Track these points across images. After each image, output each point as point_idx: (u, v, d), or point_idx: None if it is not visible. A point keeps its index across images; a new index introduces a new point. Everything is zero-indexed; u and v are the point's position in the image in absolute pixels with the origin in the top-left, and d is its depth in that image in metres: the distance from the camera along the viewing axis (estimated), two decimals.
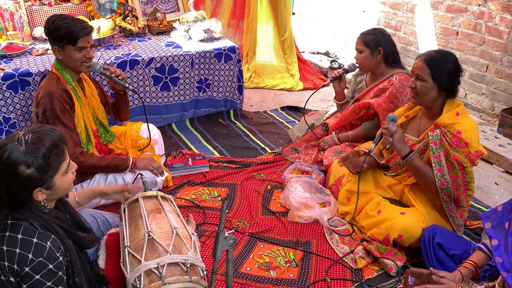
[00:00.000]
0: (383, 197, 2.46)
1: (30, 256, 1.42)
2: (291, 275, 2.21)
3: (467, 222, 2.63)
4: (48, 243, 1.45)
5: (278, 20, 4.72)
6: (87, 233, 1.75)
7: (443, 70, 2.17)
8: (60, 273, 1.47)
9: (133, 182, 2.50)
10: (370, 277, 2.22)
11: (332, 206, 2.58)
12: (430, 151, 2.18)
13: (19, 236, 1.44)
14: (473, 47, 4.14)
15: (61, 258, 1.47)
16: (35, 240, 1.44)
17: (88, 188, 2.29)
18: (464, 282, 1.92)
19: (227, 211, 2.63)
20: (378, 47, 2.85)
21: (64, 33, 2.28)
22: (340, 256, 2.33)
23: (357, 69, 3.11)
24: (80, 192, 2.16)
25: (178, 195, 2.76)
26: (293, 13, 6.47)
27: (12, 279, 1.43)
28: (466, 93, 4.31)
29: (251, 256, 2.31)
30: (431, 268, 1.92)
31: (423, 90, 2.21)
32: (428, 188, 2.26)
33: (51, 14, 3.38)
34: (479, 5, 3.98)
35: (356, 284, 2.17)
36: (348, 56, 5.39)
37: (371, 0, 5.27)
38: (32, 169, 1.44)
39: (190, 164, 3.01)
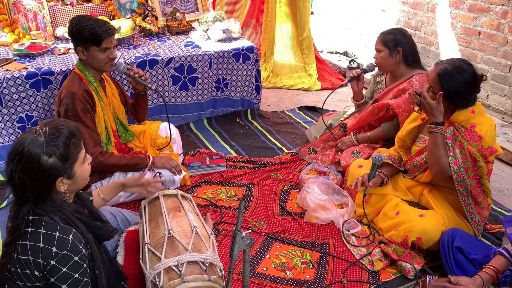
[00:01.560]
0: (402, 199, 2.44)
1: (54, 249, 1.45)
2: (308, 276, 2.20)
3: (488, 225, 2.59)
4: (70, 236, 1.48)
5: (297, 19, 4.71)
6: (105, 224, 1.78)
7: (452, 87, 2.14)
8: (85, 265, 1.51)
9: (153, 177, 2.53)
10: (387, 279, 2.20)
11: (349, 208, 2.57)
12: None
13: (42, 230, 1.47)
14: (495, 47, 4.06)
15: (84, 250, 1.51)
16: (57, 234, 1.47)
17: (111, 183, 2.32)
18: (485, 287, 1.90)
19: (243, 210, 2.64)
20: (397, 47, 2.82)
21: (89, 34, 2.32)
22: (357, 258, 2.32)
23: (376, 69, 3.08)
24: (103, 189, 2.20)
25: (195, 194, 2.78)
26: (312, 13, 6.45)
27: (36, 273, 1.46)
28: (488, 94, 4.23)
29: (267, 256, 2.32)
30: (449, 276, 1.91)
31: (435, 104, 2.20)
32: (440, 175, 2.20)
33: (73, 14, 3.46)
34: (503, 5, 3.90)
35: (373, 286, 2.16)
36: (367, 56, 5.35)
37: None
38: (54, 158, 1.48)
39: (208, 163, 3.03)
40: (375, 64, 2.98)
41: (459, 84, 2.14)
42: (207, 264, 1.75)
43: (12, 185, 1.48)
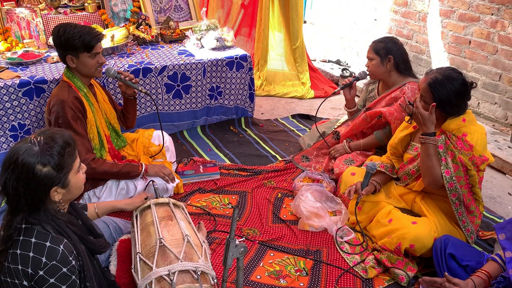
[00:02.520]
0: (395, 207, 2.44)
1: (44, 259, 1.44)
2: (301, 284, 2.20)
3: (480, 232, 2.60)
4: (61, 246, 1.47)
5: (290, 28, 4.74)
6: (98, 238, 1.77)
7: (443, 95, 2.16)
8: (73, 276, 1.49)
9: (145, 189, 2.53)
10: (381, 287, 2.20)
11: (343, 215, 2.57)
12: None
13: (33, 240, 1.46)
14: (485, 56, 4.11)
15: (73, 262, 1.49)
16: (48, 243, 1.46)
17: (109, 203, 2.33)
18: None
19: (237, 218, 2.63)
20: (388, 55, 2.85)
21: (79, 41, 2.33)
22: (351, 265, 2.32)
23: (368, 77, 3.11)
24: (100, 206, 2.19)
25: (189, 202, 2.77)
26: (305, 22, 6.50)
27: (25, 282, 1.45)
28: (478, 102, 4.27)
29: (261, 264, 2.31)
30: (446, 273, 1.91)
31: (427, 114, 2.22)
32: (433, 185, 2.22)
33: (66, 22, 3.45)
34: (492, 14, 3.96)
35: None
36: (359, 64, 5.39)
37: (383, 8, 5.28)
38: (49, 168, 1.47)
39: (201, 171, 3.03)
40: (367, 72, 3.01)
41: (450, 93, 2.16)
42: (198, 273, 1.74)
43: (6, 194, 1.47)
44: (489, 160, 2.17)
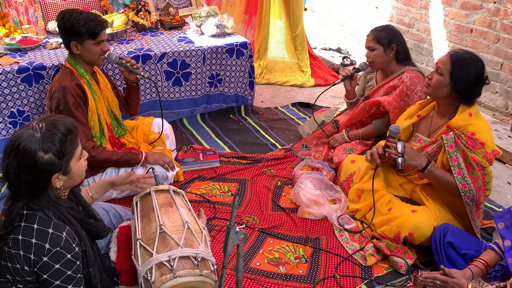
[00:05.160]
0: (394, 195, 2.45)
1: (47, 246, 1.44)
2: (301, 271, 2.21)
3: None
4: (64, 233, 1.48)
5: (290, 16, 4.70)
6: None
7: (463, 72, 2.13)
8: (78, 262, 1.50)
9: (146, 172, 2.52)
10: (379, 274, 2.22)
11: (342, 204, 2.58)
12: (446, 155, 2.16)
13: (35, 226, 1.46)
14: (487, 45, 4.08)
15: (77, 248, 1.50)
16: (50, 230, 1.46)
17: (98, 182, 2.32)
18: (475, 281, 1.92)
19: (237, 206, 2.64)
20: (391, 43, 2.83)
21: (85, 28, 2.30)
22: (350, 253, 2.33)
23: (369, 68, 3.09)
24: (91, 187, 2.18)
25: (188, 189, 2.77)
26: (305, 9, 6.45)
27: (26, 267, 1.46)
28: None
29: (260, 252, 2.32)
30: (442, 266, 1.92)
31: (437, 84, 2.19)
32: (451, 193, 2.21)
33: (65, 9, 3.42)
34: (495, 2, 3.93)
35: (366, 281, 2.17)
36: (360, 52, 5.36)
37: None
38: (50, 154, 1.47)
39: (201, 159, 3.03)
40: (367, 63, 2.98)
41: (472, 69, 2.12)
42: (199, 259, 1.75)
43: (8, 180, 1.48)
44: (499, 153, 2.17)
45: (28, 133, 1.46)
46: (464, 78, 2.13)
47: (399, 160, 2.19)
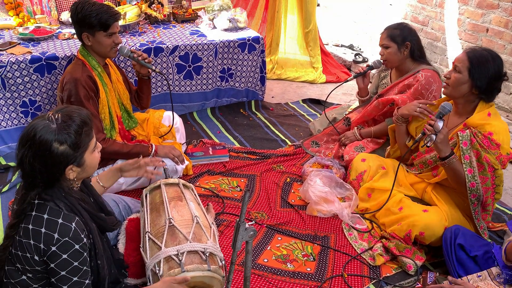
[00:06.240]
0: (405, 195, 2.42)
1: (56, 235, 1.45)
2: (308, 269, 2.20)
3: (490, 224, 2.57)
4: (73, 224, 1.48)
5: (303, 11, 4.66)
6: (109, 216, 1.78)
7: (482, 69, 2.10)
8: (85, 253, 1.51)
9: (154, 169, 2.52)
10: (388, 275, 2.20)
11: (353, 201, 2.55)
12: (460, 152, 2.13)
13: (45, 216, 1.47)
14: (503, 45, 4.02)
15: (85, 240, 1.51)
16: (60, 220, 1.47)
17: (107, 170, 2.30)
18: (485, 284, 1.89)
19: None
20: (405, 41, 2.79)
21: (96, 19, 2.30)
22: (358, 252, 2.31)
23: (383, 66, 3.05)
24: (101, 175, 2.18)
25: (197, 183, 2.77)
26: (318, 5, 6.39)
27: (36, 257, 1.46)
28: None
29: (268, 248, 2.31)
30: (449, 277, 1.91)
31: (456, 82, 2.16)
32: (460, 190, 2.19)
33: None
34: None
35: (374, 281, 2.16)
36: (373, 49, 5.31)
37: None
38: (65, 146, 1.47)
39: (211, 153, 3.02)
40: (381, 61, 2.95)
41: (491, 65, 2.09)
42: (207, 254, 1.75)
43: (22, 170, 1.48)
44: None
45: (44, 124, 1.46)
46: (484, 73, 2.10)
47: (433, 136, 2.07)
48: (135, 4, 3.69)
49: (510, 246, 1.82)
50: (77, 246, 1.47)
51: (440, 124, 2.08)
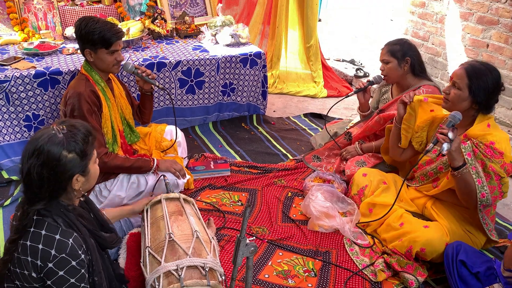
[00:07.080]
0: (406, 210, 2.42)
1: (53, 252, 1.44)
2: (310, 285, 2.19)
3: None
4: (70, 240, 1.48)
5: (304, 26, 4.71)
6: (110, 233, 1.78)
7: (481, 84, 2.11)
8: (82, 270, 1.50)
9: (156, 184, 2.53)
10: None
11: (354, 216, 2.55)
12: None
13: (43, 232, 1.47)
14: (503, 60, 4.04)
15: (83, 256, 1.50)
16: (57, 236, 1.46)
17: (117, 209, 2.30)
18: None
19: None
20: (406, 57, 2.81)
21: (99, 37, 2.33)
22: (360, 268, 2.30)
23: (383, 82, 3.07)
24: (109, 212, 2.16)
25: (199, 197, 2.77)
26: (319, 20, 6.46)
27: (34, 274, 1.46)
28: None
29: (269, 263, 2.30)
30: None
31: (456, 98, 2.17)
32: (467, 202, 2.16)
33: (82, 15, 3.47)
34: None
35: None
36: (374, 64, 5.35)
37: (399, 9, 5.22)
38: (74, 154, 1.49)
39: (212, 167, 3.03)
40: (382, 76, 2.97)
41: (489, 79, 2.11)
42: (207, 269, 1.74)
43: (29, 181, 1.47)
44: None
45: (51, 134, 1.48)
46: (483, 89, 2.12)
47: (445, 145, 2.03)
48: (139, 20, 3.75)
49: (508, 251, 1.79)
50: (74, 263, 1.46)
51: (451, 134, 2.06)
